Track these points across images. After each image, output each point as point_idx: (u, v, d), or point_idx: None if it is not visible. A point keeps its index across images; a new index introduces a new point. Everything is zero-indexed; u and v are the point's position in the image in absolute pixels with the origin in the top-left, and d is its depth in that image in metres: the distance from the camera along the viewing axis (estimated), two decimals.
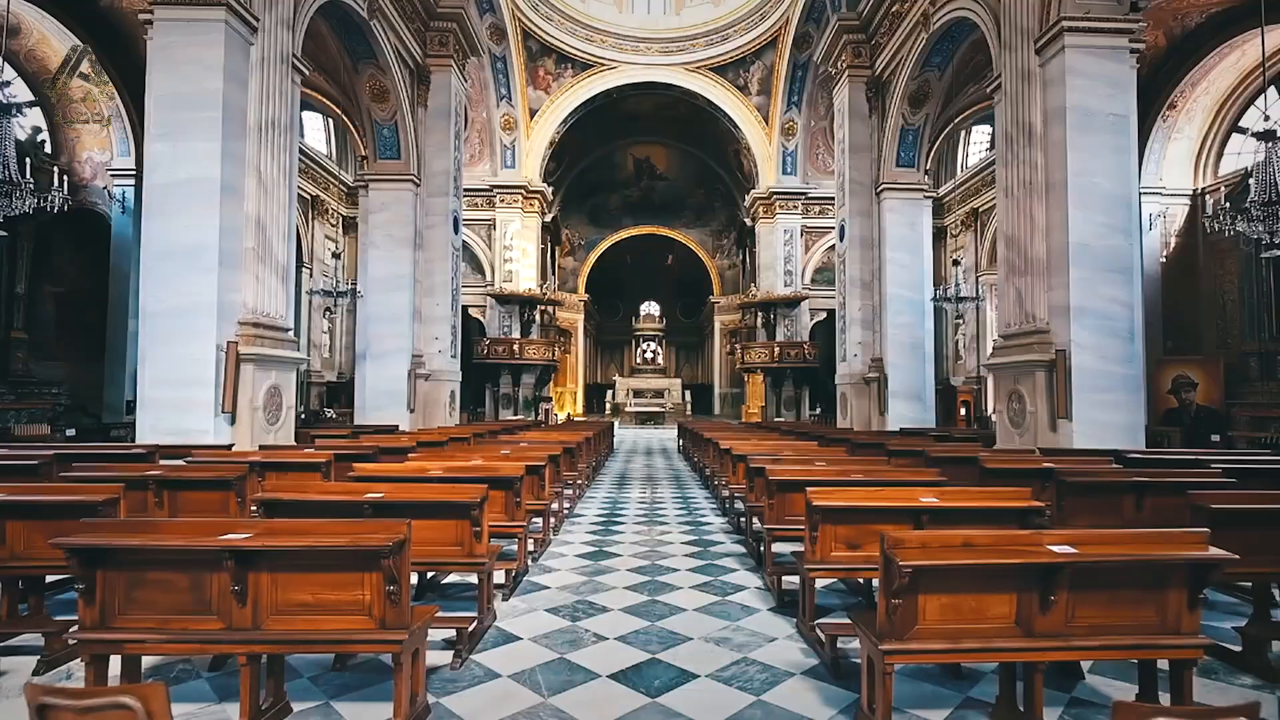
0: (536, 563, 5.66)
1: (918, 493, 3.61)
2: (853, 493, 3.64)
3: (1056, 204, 8.50)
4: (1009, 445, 9.09)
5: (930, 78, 13.26)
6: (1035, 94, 8.79)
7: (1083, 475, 4.70)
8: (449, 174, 16.05)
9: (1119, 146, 8.39)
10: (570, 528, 7.30)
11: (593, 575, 5.26)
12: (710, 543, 6.52)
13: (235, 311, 9.09)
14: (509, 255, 25.36)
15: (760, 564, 5.48)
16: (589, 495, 9.81)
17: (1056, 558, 2.48)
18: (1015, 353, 8.99)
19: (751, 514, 6.02)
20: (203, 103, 8.78)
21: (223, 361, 8.81)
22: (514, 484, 4.83)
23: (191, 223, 8.75)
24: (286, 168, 9.97)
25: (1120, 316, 8.31)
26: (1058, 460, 5.82)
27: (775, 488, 4.60)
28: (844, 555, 3.56)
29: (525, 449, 7.71)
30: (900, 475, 4.66)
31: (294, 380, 10.29)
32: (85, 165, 16.73)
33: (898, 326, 14.39)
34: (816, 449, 7.49)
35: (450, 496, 3.75)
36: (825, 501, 3.47)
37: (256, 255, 9.36)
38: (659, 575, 5.27)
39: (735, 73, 24.87)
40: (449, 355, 16.16)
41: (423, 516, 3.74)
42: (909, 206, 14.56)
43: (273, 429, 9.67)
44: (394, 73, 14.58)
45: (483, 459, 5.98)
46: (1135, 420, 8.27)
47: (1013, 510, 3.48)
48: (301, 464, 6.08)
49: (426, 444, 9.00)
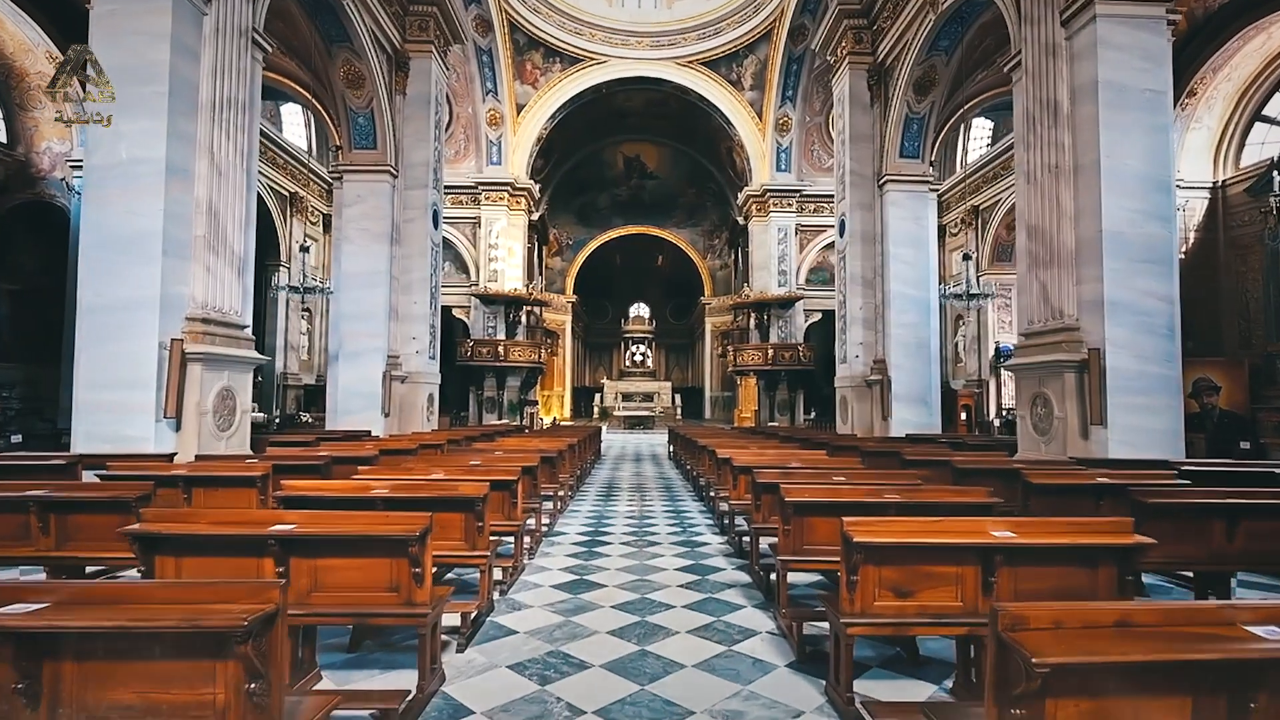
0: (506, 596, 4.77)
1: (984, 524, 2.80)
2: (900, 525, 2.80)
3: (1087, 188, 7.73)
4: (1033, 454, 8.31)
5: (936, 63, 12.52)
6: (1061, 69, 8.04)
7: (1160, 494, 3.90)
8: (429, 165, 15.16)
9: (1155, 125, 7.64)
10: (549, 549, 6.43)
11: (571, 614, 4.38)
12: (709, 568, 5.66)
13: (182, 306, 8.20)
14: (494, 254, 24.51)
15: (770, 598, 4.65)
16: (572, 508, 8.95)
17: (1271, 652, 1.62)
18: (1040, 352, 8.21)
19: (758, 535, 5.19)
20: (147, 76, 7.92)
21: (166, 361, 7.92)
22: (475, 505, 3.98)
23: (133, 208, 7.87)
24: (245, 150, 9.07)
25: (1158, 312, 7.54)
26: (1111, 474, 5.04)
27: (791, 511, 3.77)
28: (891, 606, 2.73)
29: (499, 459, 6.85)
30: (944, 496, 3.84)
31: (250, 382, 9.38)
32: (44, 156, 15.73)
33: (902, 326, 13.61)
34: (826, 459, 6.68)
35: (383, 528, 2.89)
36: (870, 537, 2.63)
37: (208, 244, 8.46)
38: (650, 613, 4.41)
39: (728, 67, 24.14)
40: (427, 356, 15.25)
41: (344, 554, 2.89)
42: (913, 199, 13.79)
43: (224, 436, 8.76)
44: (370, 58, 13.71)
45: (445, 472, 5.12)
46: (1175, 426, 7.51)
47: (1111, 549, 2.66)
48: (234, 478, 5.20)
49: (392, 452, 8.13)
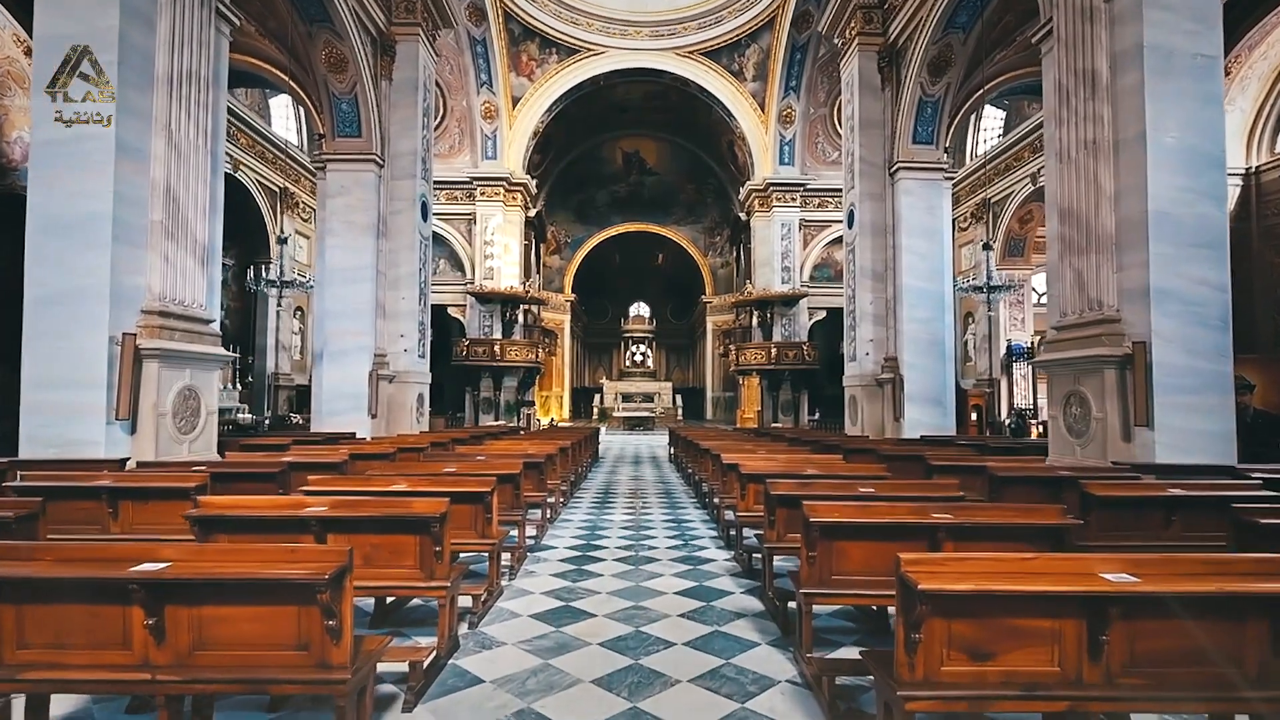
0: (476, 629, 4.03)
1: (1088, 562, 2.08)
2: (974, 562, 2.07)
3: (1130, 166, 7.01)
4: (1067, 457, 7.58)
5: (953, 41, 11.79)
6: (1100, 35, 7.30)
7: (1270, 513, 3.18)
8: (416, 154, 14.45)
9: (1206, 94, 6.90)
10: (533, 566, 5.70)
11: (551, 655, 3.65)
12: (714, 591, 4.94)
13: (137, 297, 7.49)
14: (490, 251, 23.81)
15: (788, 632, 3.93)
16: (565, 517, 8.22)
17: None
18: (1075, 346, 7.47)
19: (771, 555, 4.47)
20: (95, 43, 7.23)
21: (117, 357, 7.22)
22: (430, 526, 3.26)
23: (80, 189, 7.16)
24: (209, 130, 8.36)
25: (1210, 301, 6.81)
26: (1185, 485, 4.32)
27: (818, 533, 3.06)
28: (966, 673, 2.03)
29: (480, 465, 6.15)
30: (1007, 516, 3.10)
31: (216, 381, 8.66)
32: (15, 146, 15.00)
33: (915, 322, 12.87)
34: (844, 465, 5.95)
35: (284, 568, 2.19)
36: (938, 582, 1.92)
37: (166, 231, 7.74)
38: (645, 652, 3.69)
39: (729, 57, 23.43)
40: (416, 354, 14.54)
41: (237, 600, 2.18)
42: (926, 188, 13.05)
43: (187, 439, 8.05)
44: (353, 40, 13.01)
45: (408, 484, 4.40)
46: (1227, 428, 6.76)
47: (1266, 602, 1.95)
48: (165, 489, 4.49)
49: (366, 456, 7.42)
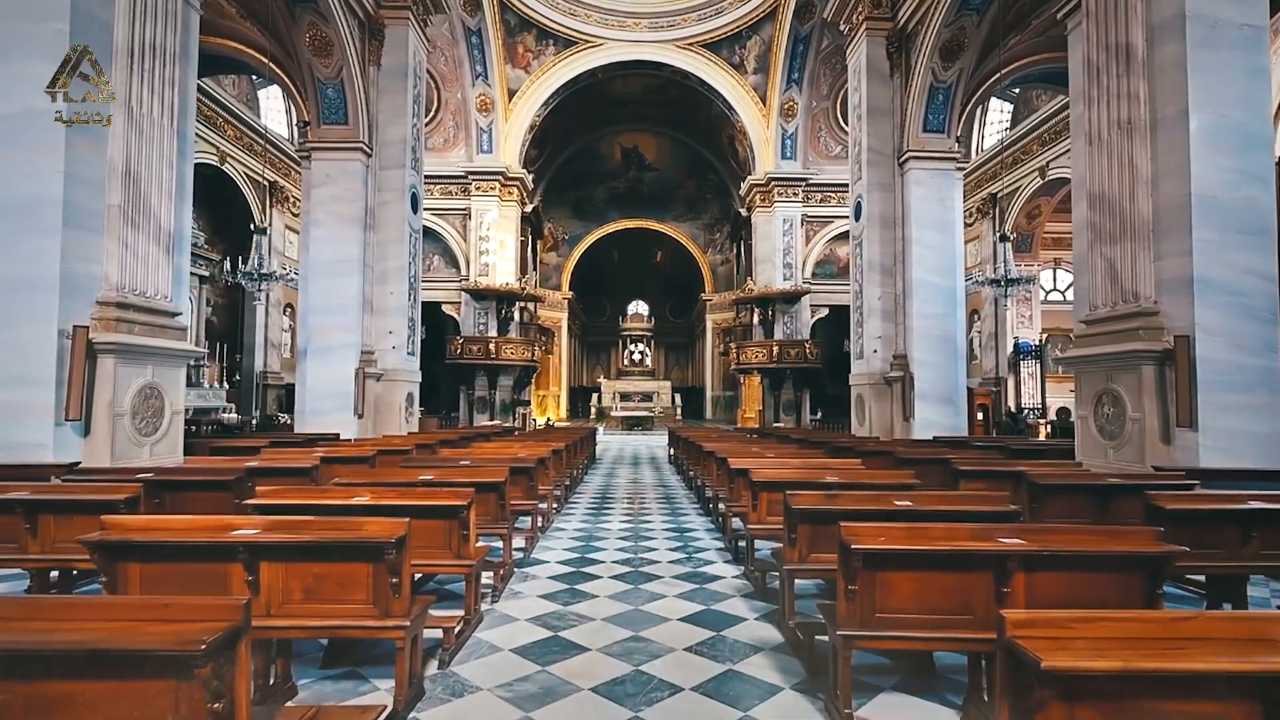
0: (447, 669, 3.43)
1: (1268, 626, 1.51)
2: (1108, 626, 1.50)
3: (1170, 146, 6.45)
4: (1098, 460, 7.04)
5: (966, 24, 11.24)
6: (1135, 5, 6.74)
7: None
8: (406, 143, 13.85)
9: (1253, 67, 6.36)
10: (520, 585, 5.11)
11: (534, 706, 3.04)
12: (724, 618, 4.34)
13: (92, 287, 6.92)
14: (485, 247, 23.21)
15: (813, 674, 3.36)
16: (559, 525, 7.64)
17: None
18: (1108, 341, 6.92)
19: (791, 578, 3.89)
20: (42, 10, 6.69)
21: (68, 352, 6.64)
22: (385, 553, 2.68)
23: (25, 168, 6.61)
24: (175, 108, 7.77)
25: (1258, 292, 6.25)
26: (1264, 498, 3.77)
27: (860, 563, 2.49)
28: None
29: (464, 471, 5.56)
30: (1101, 544, 2.54)
31: (182, 379, 8.06)
32: None
33: (925, 318, 12.32)
34: (866, 471, 5.38)
35: (148, 632, 1.61)
36: (1072, 660, 1.35)
37: (124, 215, 7.15)
38: (648, 701, 3.08)
39: (730, 49, 22.85)
40: (406, 352, 13.94)
41: (89, 675, 1.60)
42: (937, 178, 12.50)
43: (149, 441, 7.46)
44: (339, 23, 12.41)
45: (372, 496, 3.82)
46: (1278, 429, 6.23)
47: None
48: (88, 503, 3.90)
49: (340, 460, 6.83)
